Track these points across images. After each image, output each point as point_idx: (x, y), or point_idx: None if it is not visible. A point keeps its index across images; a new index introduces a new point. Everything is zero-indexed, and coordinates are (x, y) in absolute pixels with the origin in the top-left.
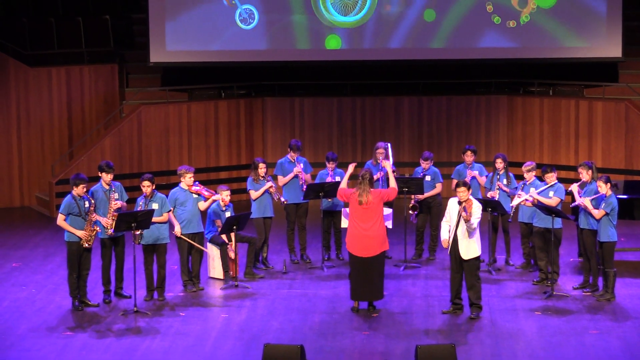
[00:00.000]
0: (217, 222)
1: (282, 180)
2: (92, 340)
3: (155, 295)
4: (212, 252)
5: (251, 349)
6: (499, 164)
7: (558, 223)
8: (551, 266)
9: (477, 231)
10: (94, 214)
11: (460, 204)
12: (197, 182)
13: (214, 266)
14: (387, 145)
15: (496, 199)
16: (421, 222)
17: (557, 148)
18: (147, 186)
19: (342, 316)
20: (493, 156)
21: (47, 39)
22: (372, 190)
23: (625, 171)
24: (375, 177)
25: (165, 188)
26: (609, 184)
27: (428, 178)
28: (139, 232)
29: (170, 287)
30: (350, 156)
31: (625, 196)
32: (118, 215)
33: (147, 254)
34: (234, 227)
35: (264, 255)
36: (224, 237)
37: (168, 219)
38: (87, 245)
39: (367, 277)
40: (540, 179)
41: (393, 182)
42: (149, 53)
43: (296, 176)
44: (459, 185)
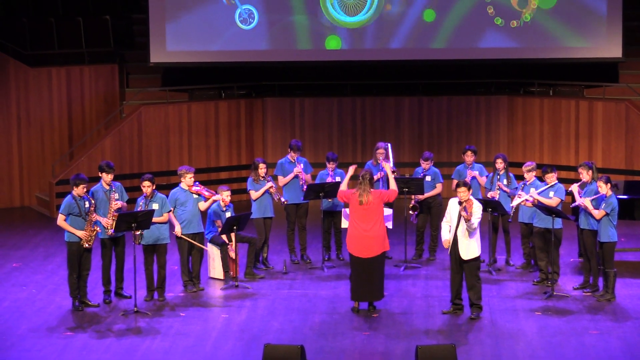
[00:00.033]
0: (218, 223)
1: (283, 180)
2: (92, 340)
3: (156, 295)
4: (212, 253)
5: (251, 349)
6: (499, 164)
7: (558, 223)
8: (551, 266)
9: (477, 231)
10: (94, 214)
11: (460, 204)
12: (198, 183)
13: (214, 266)
14: (388, 145)
15: (496, 199)
16: (421, 223)
17: (557, 148)
18: (147, 186)
19: (342, 316)
20: (493, 156)
21: (47, 39)
22: (372, 191)
23: (626, 171)
24: (376, 178)
25: (166, 188)
26: (609, 184)
27: (428, 178)
28: (139, 232)
29: (170, 288)
30: (351, 156)
31: (625, 196)
32: (118, 215)
33: (148, 254)
34: (234, 228)
35: (264, 255)
36: (224, 237)
37: (168, 219)
38: (87, 245)
39: (368, 278)
40: (541, 179)
41: (393, 184)
42: (149, 53)
43: (296, 176)
44: (459, 185)
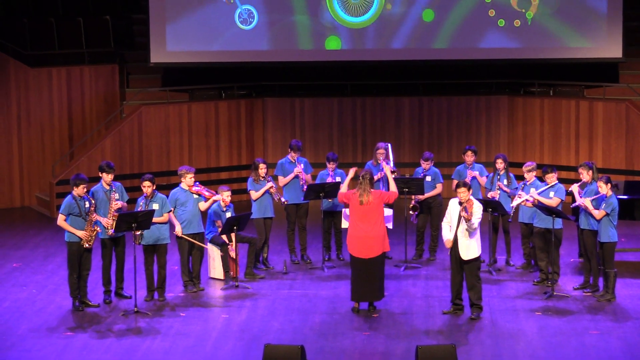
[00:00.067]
0: (218, 223)
1: (283, 180)
2: (92, 340)
3: (156, 295)
4: (212, 253)
5: (252, 350)
6: (500, 164)
7: (558, 223)
8: (552, 266)
9: (478, 232)
10: (95, 214)
11: (460, 204)
12: (198, 183)
13: (215, 266)
14: (388, 145)
15: (497, 200)
16: (422, 223)
17: (557, 148)
18: (147, 186)
19: (342, 316)
20: (493, 156)
21: (48, 39)
22: (372, 191)
23: (626, 171)
24: (376, 178)
25: (166, 188)
26: (609, 185)
27: (428, 178)
28: (140, 232)
29: (170, 288)
30: (351, 156)
31: (625, 196)
32: (118, 215)
33: (148, 255)
34: (235, 228)
35: (265, 255)
36: (224, 237)
37: (168, 220)
38: (87, 245)
39: (368, 278)
40: (541, 179)
41: (393, 186)
42: (149, 53)
43: (297, 176)
44: (459, 185)
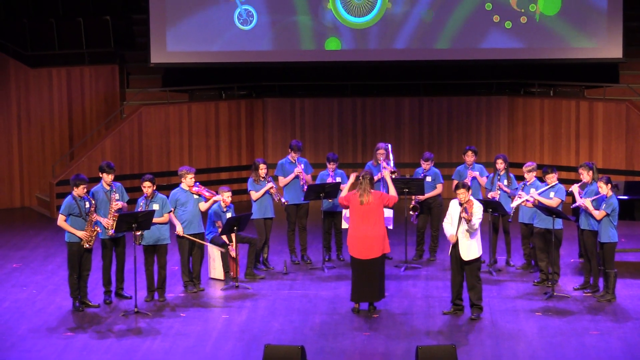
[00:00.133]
0: (218, 223)
1: (283, 181)
2: (92, 341)
3: (156, 296)
4: (212, 253)
5: (252, 350)
6: (500, 164)
7: (558, 224)
8: (552, 267)
9: (478, 232)
10: (95, 214)
11: (460, 205)
12: (198, 183)
13: (215, 267)
14: (388, 146)
15: (497, 200)
16: (422, 223)
17: (557, 149)
18: (147, 187)
19: (342, 317)
20: (494, 157)
21: (48, 39)
22: (373, 192)
23: (626, 172)
24: (376, 179)
25: (166, 189)
26: (609, 185)
27: (429, 179)
28: (140, 232)
29: (170, 288)
30: (351, 157)
31: (625, 197)
32: (119, 215)
33: (148, 255)
34: (235, 228)
35: (265, 256)
36: (224, 237)
37: (169, 220)
38: (87, 245)
39: (368, 279)
40: (541, 179)
41: (393, 190)
42: (149, 54)
43: (297, 177)
44: (458, 187)
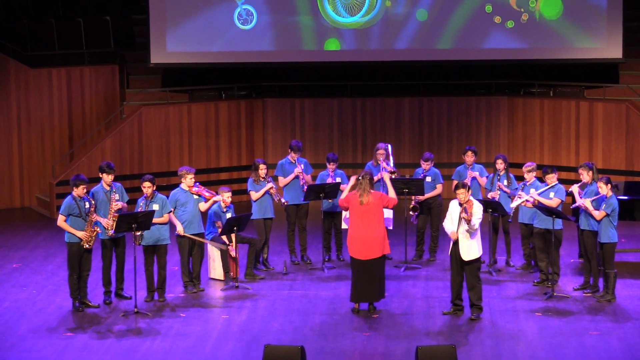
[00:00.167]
0: (218, 224)
1: (283, 181)
2: (92, 341)
3: (156, 296)
4: (212, 253)
5: (252, 350)
6: (500, 164)
7: (558, 224)
8: (552, 267)
9: (478, 232)
10: (95, 214)
11: (460, 205)
12: (198, 183)
13: (215, 267)
14: (388, 146)
15: (497, 200)
16: (422, 223)
17: (557, 149)
18: (147, 187)
19: (342, 317)
20: (493, 157)
21: (48, 39)
22: (373, 192)
23: (626, 172)
24: (376, 179)
25: (166, 189)
26: (609, 185)
27: (428, 179)
28: (140, 233)
29: (170, 288)
30: (351, 157)
31: (625, 197)
32: (119, 216)
33: (148, 255)
34: (235, 228)
35: (265, 256)
36: (224, 238)
37: (169, 220)
38: (87, 246)
39: (368, 280)
40: (541, 179)
41: (392, 193)
42: (149, 54)
43: (297, 177)
44: (458, 187)
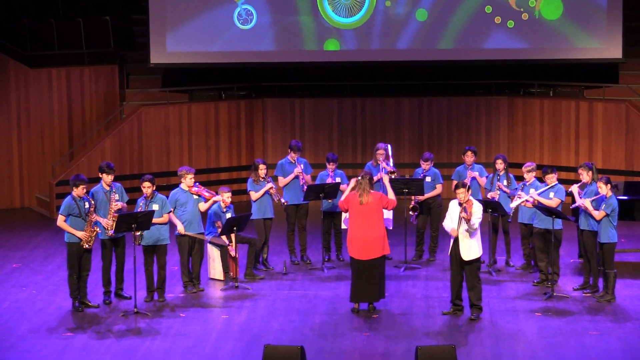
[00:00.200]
0: (218, 224)
1: (283, 181)
2: (92, 341)
3: (156, 296)
4: (212, 253)
5: (251, 350)
6: (499, 164)
7: (558, 224)
8: (551, 267)
9: (478, 232)
10: (94, 214)
11: (460, 205)
12: (197, 183)
13: (214, 267)
14: (388, 146)
15: (496, 200)
16: (421, 223)
17: (557, 149)
18: (147, 187)
19: (342, 317)
20: (493, 157)
21: (48, 39)
22: (372, 192)
23: (626, 172)
24: (376, 179)
25: (166, 189)
26: (609, 185)
27: (428, 179)
28: (139, 233)
29: (170, 288)
30: (351, 157)
31: (625, 197)
32: (118, 216)
33: (148, 255)
34: (234, 228)
35: (264, 256)
36: (224, 238)
37: (168, 220)
38: (87, 246)
39: (367, 280)
40: (541, 179)
41: (392, 194)
42: (149, 54)
43: (296, 177)
44: (458, 186)
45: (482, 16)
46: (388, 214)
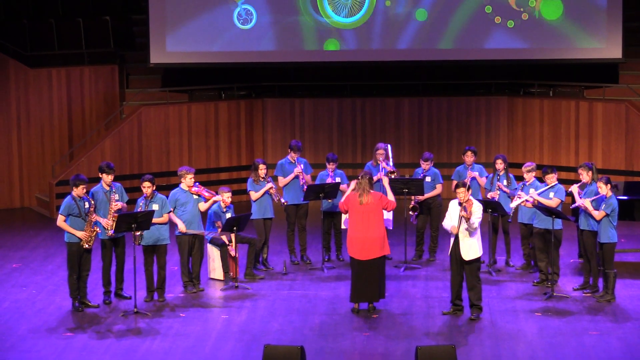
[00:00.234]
0: (218, 224)
1: (283, 181)
2: (92, 341)
3: (156, 296)
4: (212, 253)
5: (251, 350)
6: (499, 164)
7: (558, 224)
8: (551, 267)
9: (478, 232)
10: (94, 214)
11: (460, 205)
12: (197, 183)
13: (214, 267)
14: (387, 146)
15: (496, 200)
16: (421, 223)
17: (557, 149)
18: (147, 187)
19: (342, 317)
20: (493, 157)
21: (48, 40)
22: (372, 192)
23: (626, 172)
24: (375, 179)
25: (166, 189)
26: (609, 185)
27: (428, 179)
28: (139, 233)
29: (170, 288)
30: (351, 157)
31: (625, 197)
32: (118, 216)
33: (147, 255)
34: (234, 228)
35: (264, 256)
36: (224, 238)
37: (168, 220)
38: (87, 246)
39: (367, 280)
40: (540, 179)
41: (391, 196)
42: (149, 54)
43: (296, 177)
44: (458, 186)
45: (482, 16)
46: (388, 214)
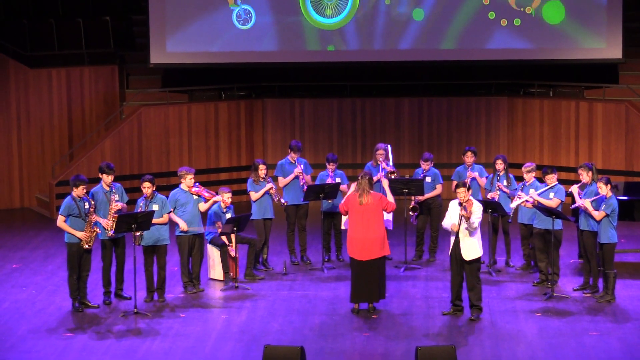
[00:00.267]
0: (218, 224)
1: (283, 181)
2: (92, 341)
3: (156, 296)
4: (212, 254)
5: (251, 350)
6: (499, 165)
7: (558, 224)
8: (551, 267)
9: (478, 232)
10: (94, 215)
11: (460, 205)
12: (197, 184)
13: (214, 267)
14: (387, 146)
15: (496, 200)
16: (421, 224)
17: (557, 149)
18: (147, 187)
19: (342, 317)
20: (493, 157)
21: (48, 40)
22: (372, 193)
23: (626, 172)
24: (375, 179)
25: (166, 189)
26: (609, 185)
27: (428, 179)
28: (139, 233)
29: (170, 289)
30: (351, 157)
31: (625, 197)
32: (118, 216)
33: (147, 255)
34: (234, 229)
35: (264, 256)
36: (224, 238)
37: (168, 220)
38: (87, 246)
39: (367, 280)
40: (540, 180)
41: (391, 197)
42: (149, 54)
43: (296, 177)
44: (458, 186)
45: (483, 16)
46: (388, 215)
